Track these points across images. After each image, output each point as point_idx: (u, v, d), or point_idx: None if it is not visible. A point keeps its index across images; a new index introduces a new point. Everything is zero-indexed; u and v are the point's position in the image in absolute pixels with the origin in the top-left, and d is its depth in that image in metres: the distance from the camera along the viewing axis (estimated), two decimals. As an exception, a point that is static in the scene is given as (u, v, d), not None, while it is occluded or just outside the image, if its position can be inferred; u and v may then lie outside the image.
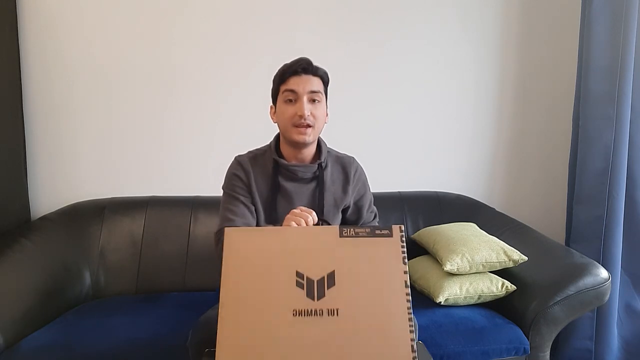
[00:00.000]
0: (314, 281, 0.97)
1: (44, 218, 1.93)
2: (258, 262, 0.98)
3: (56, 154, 2.05)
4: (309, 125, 1.30)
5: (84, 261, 1.87)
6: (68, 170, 2.07)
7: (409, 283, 1.00)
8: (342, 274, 0.98)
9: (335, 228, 1.02)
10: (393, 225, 1.03)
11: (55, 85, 2.01)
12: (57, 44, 2.00)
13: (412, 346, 0.94)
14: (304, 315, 0.94)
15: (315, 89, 1.31)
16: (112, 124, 2.08)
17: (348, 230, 1.02)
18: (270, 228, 1.07)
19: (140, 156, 2.11)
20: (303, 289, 0.96)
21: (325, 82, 1.36)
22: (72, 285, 1.79)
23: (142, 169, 2.12)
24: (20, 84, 1.96)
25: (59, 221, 1.91)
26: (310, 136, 1.32)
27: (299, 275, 0.97)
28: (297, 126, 1.30)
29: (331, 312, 0.94)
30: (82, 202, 2.02)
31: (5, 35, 1.86)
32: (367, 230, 1.02)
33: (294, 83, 1.30)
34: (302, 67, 1.30)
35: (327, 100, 1.38)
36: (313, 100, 1.31)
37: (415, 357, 0.92)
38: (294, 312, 0.94)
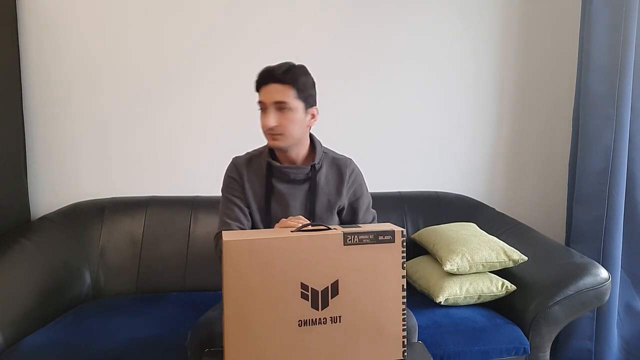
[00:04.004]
0: (318, 292, 1.00)
1: (44, 218, 1.93)
2: (261, 275, 0.98)
3: (56, 154, 2.05)
4: (277, 133, 1.31)
5: (84, 261, 1.87)
6: (68, 170, 2.07)
7: (405, 286, 1.05)
8: (346, 283, 1.01)
9: (339, 235, 1.02)
10: (395, 230, 1.04)
11: (55, 85, 2.01)
12: (57, 44, 2.00)
13: (403, 342, 1.03)
14: (309, 324, 0.98)
15: (280, 99, 1.28)
16: (112, 124, 2.08)
17: (352, 237, 1.02)
18: (274, 237, 1.01)
19: (140, 156, 2.11)
20: (308, 300, 0.99)
21: (298, 87, 1.30)
22: (72, 285, 1.79)
23: (142, 169, 2.12)
24: (20, 84, 1.96)
25: (59, 221, 1.91)
26: (282, 142, 1.33)
27: (303, 287, 0.99)
28: (268, 134, 1.32)
29: (334, 320, 0.99)
30: (82, 202, 2.02)
31: (5, 35, 1.86)
32: (370, 236, 1.04)
33: (262, 94, 1.31)
34: (266, 77, 1.30)
35: (306, 102, 1.33)
36: (281, 109, 1.30)
37: (405, 352, 0.99)
38: (300, 322, 0.98)
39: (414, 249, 2.00)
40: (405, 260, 1.05)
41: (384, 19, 2.20)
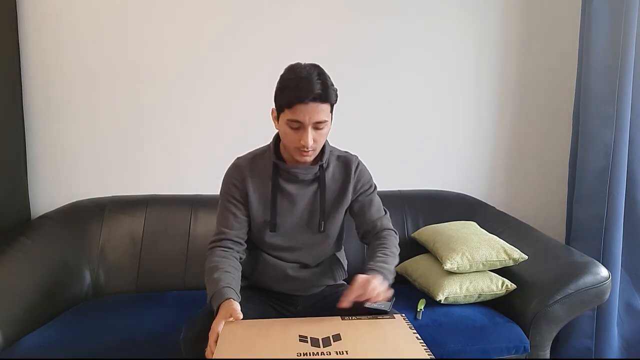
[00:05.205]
0: (318, 339, 0.97)
1: (44, 217, 1.93)
2: (257, 334, 0.99)
3: (56, 153, 2.05)
4: (311, 150, 1.27)
5: (84, 260, 1.87)
6: (68, 169, 2.07)
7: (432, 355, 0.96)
8: (349, 335, 0.99)
9: (337, 317, 1.08)
10: (395, 315, 1.09)
11: (54, 85, 2.01)
12: (57, 44, 2.00)
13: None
14: (310, 355, 0.91)
15: (321, 119, 1.22)
16: (112, 123, 2.08)
17: (350, 317, 1.07)
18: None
19: (140, 155, 2.11)
20: (307, 342, 0.96)
21: (332, 103, 1.27)
22: (72, 283, 1.79)
23: (142, 168, 2.12)
24: (20, 84, 1.96)
25: (59, 220, 1.91)
26: (311, 157, 1.30)
27: (302, 337, 0.98)
28: (299, 149, 1.27)
29: (340, 353, 0.93)
30: (82, 200, 2.02)
31: (5, 35, 1.86)
32: (369, 317, 1.08)
33: (300, 113, 1.20)
34: (312, 97, 1.19)
35: (332, 113, 1.31)
36: (319, 128, 1.25)
37: None
38: (298, 354, 0.92)
39: (414, 248, 2.00)
40: (417, 335, 0.99)
41: (385, 18, 2.20)
